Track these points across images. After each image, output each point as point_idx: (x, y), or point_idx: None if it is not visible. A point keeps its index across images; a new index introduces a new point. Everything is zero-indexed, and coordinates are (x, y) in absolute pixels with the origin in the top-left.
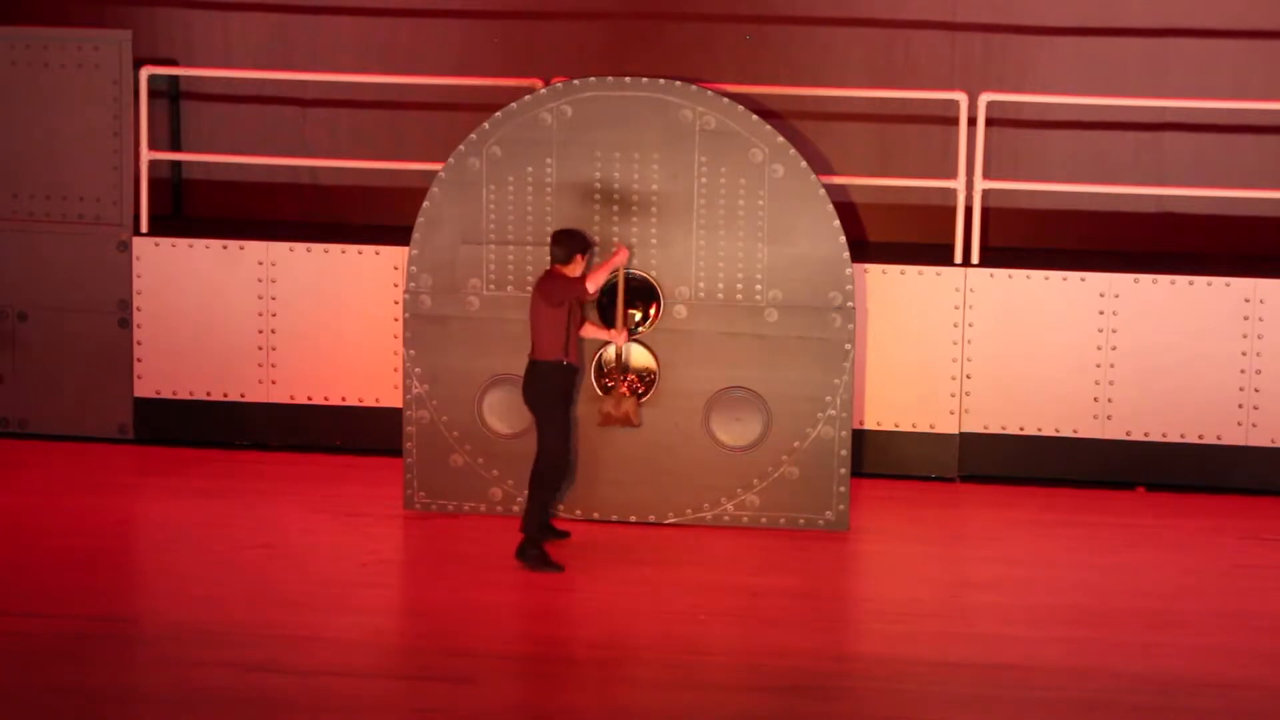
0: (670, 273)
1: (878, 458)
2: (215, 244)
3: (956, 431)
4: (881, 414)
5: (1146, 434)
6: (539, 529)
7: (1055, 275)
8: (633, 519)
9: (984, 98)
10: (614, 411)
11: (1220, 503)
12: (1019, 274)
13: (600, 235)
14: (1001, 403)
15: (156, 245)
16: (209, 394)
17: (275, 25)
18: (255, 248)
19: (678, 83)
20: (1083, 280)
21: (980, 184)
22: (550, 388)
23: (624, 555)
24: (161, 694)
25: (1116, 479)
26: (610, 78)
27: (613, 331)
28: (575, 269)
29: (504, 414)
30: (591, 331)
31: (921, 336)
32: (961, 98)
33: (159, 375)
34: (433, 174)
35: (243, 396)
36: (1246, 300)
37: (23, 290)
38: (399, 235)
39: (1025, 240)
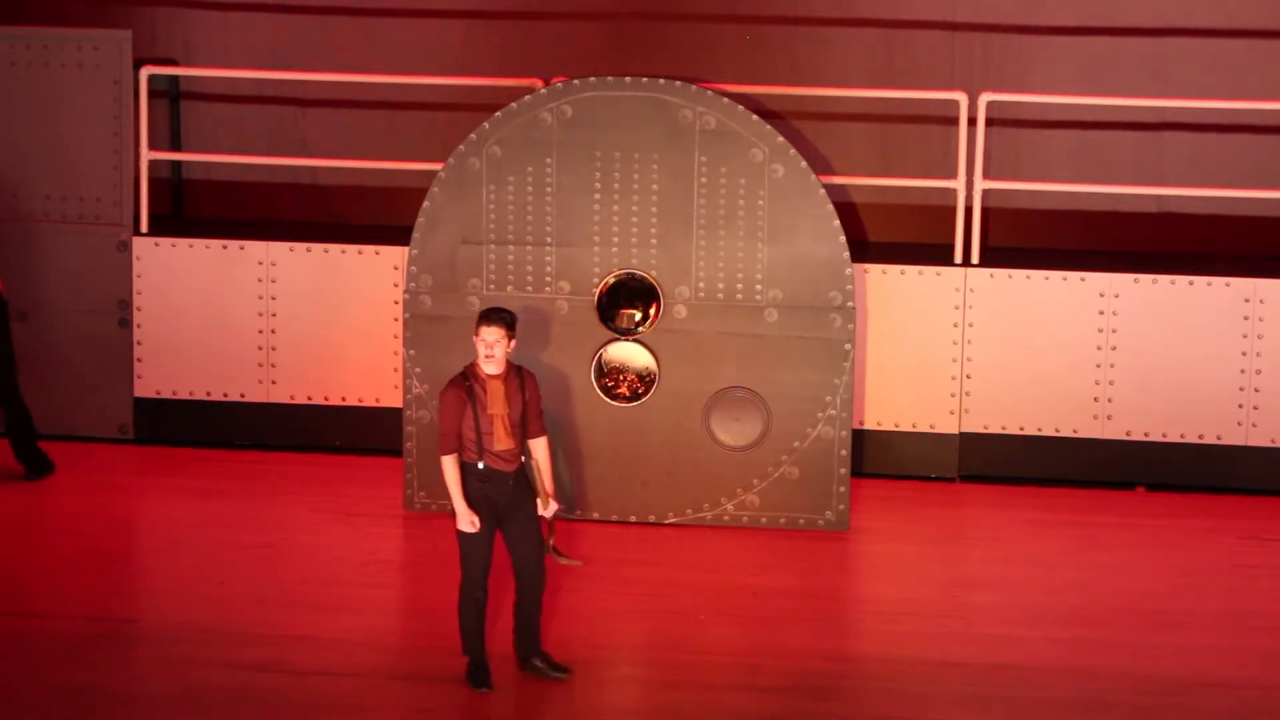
0: (670, 273)
1: (878, 458)
2: (215, 244)
3: (956, 431)
4: (881, 414)
5: (1146, 434)
6: (465, 649)
7: (1055, 275)
8: (633, 519)
9: (984, 98)
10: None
11: (1220, 503)
12: (1019, 274)
13: (600, 235)
14: (1001, 403)
15: (156, 245)
16: (209, 394)
17: (275, 25)
18: (255, 248)
19: (678, 83)
20: (1083, 280)
21: (980, 184)
22: (466, 491)
23: (624, 555)
24: (162, 694)
25: (1116, 479)
26: (610, 78)
27: (540, 497)
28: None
29: None
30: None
31: (921, 336)
32: (961, 98)
33: (159, 375)
34: (433, 174)
35: (243, 396)
36: (1246, 300)
37: (23, 290)
38: (399, 235)
39: (1025, 240)
